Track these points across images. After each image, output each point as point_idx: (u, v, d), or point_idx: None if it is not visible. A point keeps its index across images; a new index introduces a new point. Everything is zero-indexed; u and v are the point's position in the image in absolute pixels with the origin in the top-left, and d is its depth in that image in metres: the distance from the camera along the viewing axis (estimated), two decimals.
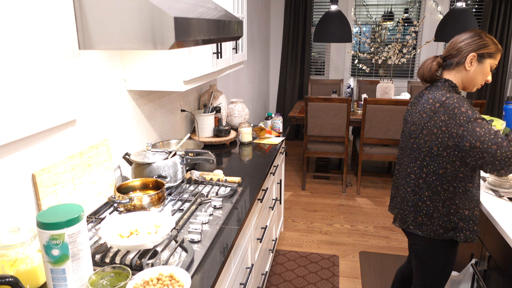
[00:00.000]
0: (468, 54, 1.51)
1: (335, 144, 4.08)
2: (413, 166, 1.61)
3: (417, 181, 1.60)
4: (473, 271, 1.79)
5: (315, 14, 5.62)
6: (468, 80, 1.55)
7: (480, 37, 1.51)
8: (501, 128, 2.35)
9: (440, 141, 1.48)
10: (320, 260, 2.93)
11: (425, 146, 1.53)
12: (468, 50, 1.51)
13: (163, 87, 1.84)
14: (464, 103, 1.44)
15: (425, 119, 1.52)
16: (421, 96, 1.61)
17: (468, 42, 1.51)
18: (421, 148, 1.56)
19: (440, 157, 1.51)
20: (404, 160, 1.68)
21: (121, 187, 1.62)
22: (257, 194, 1.89)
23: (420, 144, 1.55)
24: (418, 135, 1.55)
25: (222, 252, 1.37)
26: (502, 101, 5.26)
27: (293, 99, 5.79)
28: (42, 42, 1.22)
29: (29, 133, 1.21)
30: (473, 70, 1.52)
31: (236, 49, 2.53)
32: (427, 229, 1.62)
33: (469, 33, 1.52)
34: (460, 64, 1.53)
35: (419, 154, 1.57)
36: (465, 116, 1.42)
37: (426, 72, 1.58)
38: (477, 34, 1.51)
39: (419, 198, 1.61)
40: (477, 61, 1.51)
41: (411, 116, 1.63)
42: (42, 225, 1.02)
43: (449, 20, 3.94)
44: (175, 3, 1.25)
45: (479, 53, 1.50)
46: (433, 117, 1.48)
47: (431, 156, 1.53)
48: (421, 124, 1.53)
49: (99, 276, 1.08)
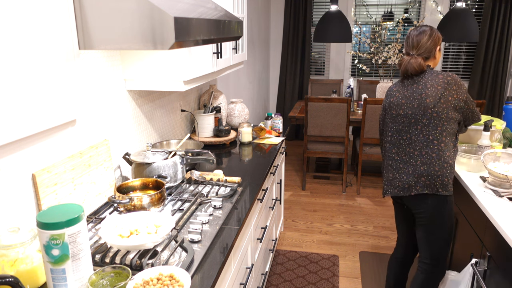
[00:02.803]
0: (436, 47, 1.96)
1: (335, 144, 4.08)
2: (434, 133, 1.89)
3: (439, 145, 1.89)
4: (473, 271, 1.79)
5: (315, 14, 5.62)
6: (435, 64, 2.03)
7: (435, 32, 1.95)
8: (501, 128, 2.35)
9: (454, 105, 1.88)
10: (320, 260, 2.93)
11: (443, 113, 1.87)
12: (436, 45, 1.95)
13: (163, 87, 1.84)
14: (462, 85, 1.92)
15: (440, 90, 1.87)
16: (418, 81, 1.94)
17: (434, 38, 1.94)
18: (440, 115, 1.87)
19: (453, 119, 1.89)
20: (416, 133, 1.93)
21: (121, 187, 1.62)
22: (257, 194, 1.89)
23: (439, 111, 1.87)
24: (437, 104, 1.87)
25: (222, 252, 1.37)
26: (502, 101, 5.26)
27: (293, 99, 5.79)
28: (42, 42, 1.22)
29: (29, 133, 1.21)
30: (437, 56, 2.00)
31: (236, 49, 2.53)
32: (450, 187, 1.89)
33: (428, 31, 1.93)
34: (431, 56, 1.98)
35: (439, 120, 1.88)
36: (465, 89, 1.90)
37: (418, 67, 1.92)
38: (432, 29, 1.94)
39: (444, 160, 1.88)
40: (438, 50, 1.99)
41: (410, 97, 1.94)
42: (42, 225, 1.02)
43: (449, 20, 3.94)
44: (175, 3, 1.25)
45: (439, 44, 1.98)
46: (447, 88, 1.86)
47: (449, 120, 1.88)
48: (438, 95, 1.87)
49: (99, 276, 1.08)
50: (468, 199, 2.01)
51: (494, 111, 5.28)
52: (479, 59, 5.19)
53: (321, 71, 5.88)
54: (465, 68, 5.46)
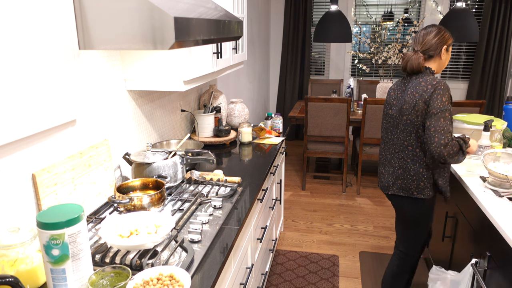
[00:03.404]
0: (442, 46, 1.90)
1: (335, 144, 4.08)
2: (409, 139, 1.92)
3: (414, 150, 1.91)
4: (473, 271, 1.79)
5: (315, 14, 5.62)
6: (441, 66, 1.96)
7: (443, 31, 1.90)
8: (501, 128, 2.35)
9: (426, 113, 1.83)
10: (320, 260, 2.93)
11: (417, 120, 1.86)
12: (442, 44, 1.90)
13: (163, 87, 1.84)
14: (447, 93, 1.81)
15: (416, 97, 1.85)
16: (409, 82, 1.93)
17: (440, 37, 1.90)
18: (414, 122, 1.87)
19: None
20: (398, 136, 1.97)
21: (121, 187, 1.62)
22: (257, 194, 1.89)
23: (413, 119, 1.87)
24: (411, 111, 1.87)
25: (222, 252, 1.37)
26: (502, 101, 5.26)
27: (293, 99, 5.79)
28: (42, 42, 1.22)
29: (29, 133, 1.21)
30: (444, 58, 1.94)
31: (236, 49, 2.53)
32: (428, 192, 1.93)
33: (436, 29, 1.90)
34: (436, 55, 1.92)
35: (413, 127, 1.88)
36: (442, 105, 1.80)
37: (416, 65, 1.89)
38: (440, 29, 1.90)
39: (420, 165, 1.91)
40: (446, 50, 1.92)
41: (398, 99, 1.96)
42: (42, 225, 1.02)
43: (449, 20, 3.93)
44: (175, 3, 1.25)
45: (447, 44, 1.92)
46: (423, 96, 1.83)
47: (424, 128, 1.85)
48: (413, 102, 1.86)
49: (99, 276, 1.08)
50: (468, 199, 2.01)
51: (494, 111, 5.28)
52: (479, 59, 5.19)
53: (321, 71, 5.88)
54: (465, 68, 5.46)
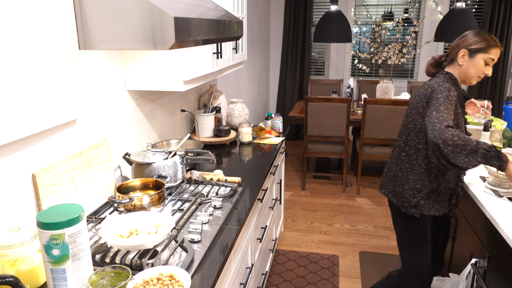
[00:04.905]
0: (459, 50, 1.67)
1: (335, 144, 4.08)
2: (399, 140, 1.84)
3: (400, 153, 1.82)
4: (473, 271, 1.79)
5: (315, 14, 5.62)
6: (462, 74, 1.70)
7: (475, 34, 1.65)
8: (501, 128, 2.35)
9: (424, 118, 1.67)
10: (320, 260, 2.93)
11: (412, 123, 1.74)
12: (460, 47, 1.68)
13: (163, 87, 1.84)
14: (445, 92, 1.59)
15: (416, 100, 1.73)
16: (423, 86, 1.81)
17: (462, 40, 1.68)
18: (407, 125, 1.77)
19: (421, 133, 1.70)
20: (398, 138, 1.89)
21: (121, 187, 1.62)
22: (257, 194, 1.89)
23: (409, 121, 1.76)
24: (409, 113, 1.77)
25: (222, 252, 1.37)
26: (502, 101, 5.26)
27: (293, 99, 5.79)
28: (42, 42, 1.22)
29: (29, 133, 1.21)
30: (465, 65, 1.67)
31: (236, 49, 2.53)
32: (400, 199, 1.82)
33: (467, 32, 1.69)
34: (454, 60, 1.70)
35: (406, 130, 1.78)
36: (436, 101, 1.58)
37: (427, 67, 1.82)
38: (473, 32, 1.66)
39: (399, 169, 1.82)
40: (468, 56, 1.65)
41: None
42: (42, 225, 1.02)
43: (449, 20, 3.94)
44: (175, 3, 1.25)
45: (469, 49, 1.65)
46: (422, 99, 1.68)
47: (415, 132, 1.73)
48: (412, 104, 1.75)
49: (99, 276, 1.08)
50: (468, 199, 2.01)
51: (494, 111, 5.28)
52: None
53: (321, 71, 5.88)
54: None
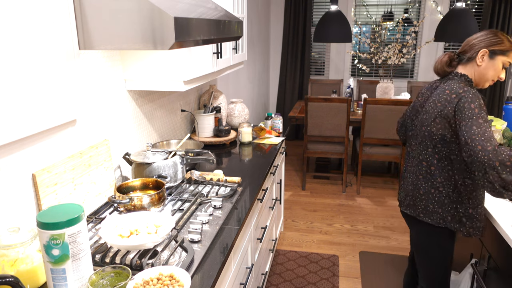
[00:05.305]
0: (480, 49, 1.55)
1: (335, 144, 4.08)
2: (425, 153, 1.64)
3: (429, 168, 1.63)
4: (473, 271, 1.79)
5: (315, 14, 5.62)
6: (479, 75, 1.59)
7: (494, 34, 1.55)
8: (501, 128, 2.35)
9: (454, 128, 1.52)
10: (320, 260, 2.93)
11: (437, 134, 1.56)
12: (480, 46, 1.55)
13: (163, 87, 1.84)
14: (476, 100, 1.47)
15: (439, 108, 1.55)
16: (435, 88, 1.66)
17: (482, 39, 1.56)
18: (432, 136, 1.58)
19: (453, 144, 1.54)
20: (415, 148, 1.70)
21: (121, 187, 1.62)
22: (257, 194, 1.89)
23: (432, 132, 1.58)
24: (431, 123, 1.58)
25: (222, 252, 1.37)
26: (502, 101, 5.26)
27: (293, 99, 5.79)
28: (42, 42, 1.22)
29: (29, 133, 1.21)
30: (484, 66, 1.56)
31: (236, 49, 2.53)
32: (437, 217, 1.64)
33: (484, 31, 1.57)
34: (472, 59, 1.58)
35: (431, 141, 1.60)
36: (470, 113, 1.45)
37: (438, 64, 1.63)
38: (492, 32, 1.56)
39: (431, 185, 1.63)
40: (488, 57, 1.55)
41: (422, 105, 1.69)
42: (42, 225, 1.02)
43: (449, 20, 3.94)
44: (175, 3, 1.25)
45: (490, 49, 1.54)
46: (447, 107, 1.52)
47: (444, 143, 1.56)
48: (434, 113, 1.57)
49: (99, 276, 1.08)
50: None
51: (494, 111, 5.28)
52: None
53: (321, 71, 5.88)
54: None
